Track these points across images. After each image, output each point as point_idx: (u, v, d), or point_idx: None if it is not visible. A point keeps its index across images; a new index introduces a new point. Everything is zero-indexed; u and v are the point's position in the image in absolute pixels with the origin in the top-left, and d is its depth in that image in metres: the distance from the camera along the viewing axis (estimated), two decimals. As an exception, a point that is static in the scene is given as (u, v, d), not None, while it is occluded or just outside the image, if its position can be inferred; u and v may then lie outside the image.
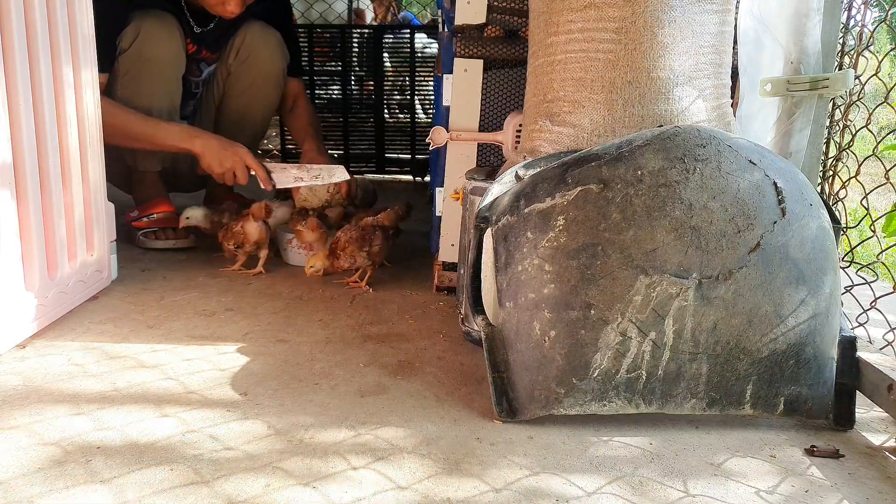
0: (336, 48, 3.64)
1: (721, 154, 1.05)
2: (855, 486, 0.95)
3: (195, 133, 2.04)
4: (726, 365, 1.03)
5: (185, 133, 2.04)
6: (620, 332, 1.01)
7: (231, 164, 2.01)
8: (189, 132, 2.04)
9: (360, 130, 3.71)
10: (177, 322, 1.48)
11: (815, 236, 1.05)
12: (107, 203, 1.66)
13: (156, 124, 2.03)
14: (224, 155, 2.00)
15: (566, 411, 1.04)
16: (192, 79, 2.31)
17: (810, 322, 1.04)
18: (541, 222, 1.06)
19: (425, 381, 1.23)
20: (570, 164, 1.09)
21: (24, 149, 1.28)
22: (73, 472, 0.91)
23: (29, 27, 1.30)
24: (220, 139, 2.05)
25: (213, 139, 2.03)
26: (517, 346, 1.08)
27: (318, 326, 1.48)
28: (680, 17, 1.19)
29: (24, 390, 1.14)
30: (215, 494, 0.88)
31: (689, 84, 1.22)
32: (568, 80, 1.25)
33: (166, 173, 2.29)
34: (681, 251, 1.01)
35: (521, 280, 1.07)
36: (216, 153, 2.00)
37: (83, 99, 1.52)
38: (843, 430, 1.10)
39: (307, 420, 1.07)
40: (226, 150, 2.01)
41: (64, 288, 1.45)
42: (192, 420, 1.06)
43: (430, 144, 1.66)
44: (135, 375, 1.21)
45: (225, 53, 2.29)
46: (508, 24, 1.63)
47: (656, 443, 1.05)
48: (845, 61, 1.50)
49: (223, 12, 2.09)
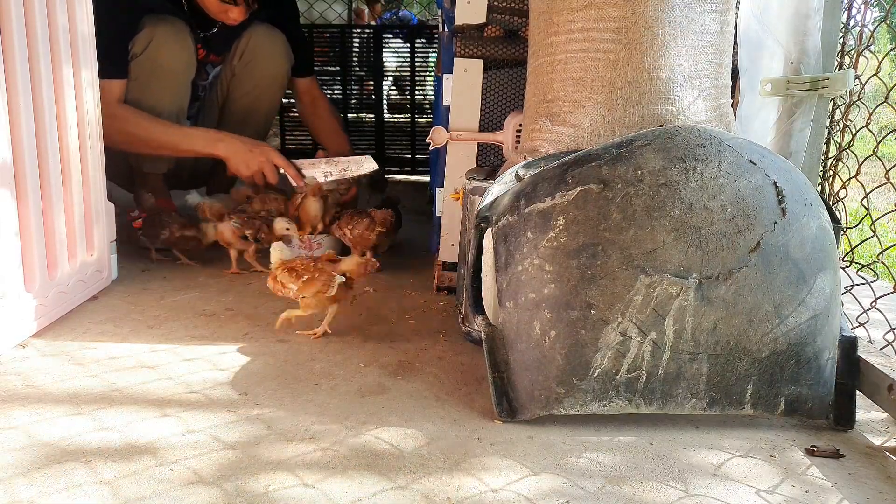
0: (336, 48, 3.64)
1: (721, 154, 1.05)
2: (855, 486, 0.95)
3: (219, 137, 2.04)
4: (727, 365, 1.03)
5: (210, 138, 2.03)
6: (621, 332, 1.01)
7: (258, 165, 2.00)
8: (213, 137, 2.04)
9: (361, 130, 3.72)
10: (177, 322, 1.48)
11: (815, 236, 1.05)
12: (107, 203, 1.66)
13: (179, 130, 2.03)
14: (250, 157, 2.00)
15: (566, 411, 1.04)
16: (200, 82, 2.32)
17: (810, 322, 1.04)
18: (541, 222, 1.06)
19: (425, 381, 1.23)
20: (570, 164, 1.09)
21: (24, 149, 1.29)
22: (73, 472, 0.91)
23: (29, 28, 1.30)
24: (245, 141, 2.04)
25: (238, 141, 2.02)
26: (517, 346, 1.08)
27: (318, 326, 1.48)
28: (680, 17, 1.19)
29: (25, 390, 1.14)
30: (215, 494, 0.88)
31: (689, 84, 1.21)
32: (568, 80, 1.25)
33: (168, 172, 2.29)
34: (681, 251, 1.01)
35: (522, 280, 1.07)
36: (242, 156, 2.00)
37: (83, 99, 1.52)
38: (844, 431, 1.10)
39: (307, 420, 1.07)
40: (252, 151, 2.00)
41: (64, 288, 1.45)
42: (192, 420, 1.06)
43: (430, 144, 1.66)
44: (135, 375, 1.21)
45: (230, 55, 2.30)
46: (508, 24, 1.63)
47: (656, 443, 1.05)
48: (845, 61, 1.50)
49: (226, 20, 2.11)
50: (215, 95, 2.36)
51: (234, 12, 2.06)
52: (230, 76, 2.32)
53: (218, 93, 2.35)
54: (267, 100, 2.37)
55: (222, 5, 2.05)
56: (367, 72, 3.73)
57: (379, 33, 3.66)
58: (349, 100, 3.69)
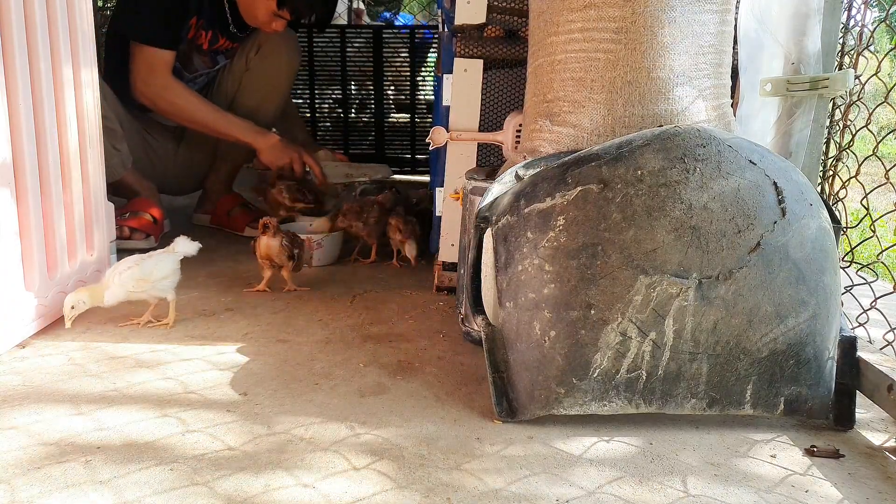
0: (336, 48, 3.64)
1: (721, 154, 1.05)
2: (855, 486, 0.95)
3: (259, 131, 2.24)
4: (726, 365, 1.03)
5: (251, 129, 2.23)
6: (620, 332, 1.01)
7: (289, 159, 2.22)
8: (254, 129, 2.23)
9: (360, 130, 3.71)
10: (177, 322, 1.48)
11: (815, 236, 1.05)
12: (107, 203, 1.66)
13: (224, 116, 2.22)
14: (284, 152, 2.22)
15: (566, 411, 1.04)
16: (204, 70, 2.33)
17: (810, 322, 1.04)
18: (541, 222, 1.06)
19: (425, 381, 1.23)
20: (570, 164, 1.09)
21: (24, 148, 1.29)
22: (73, 472, 0.91)
23: (29, 27, 1.30)
24: (280, 138, 2.27)
25: (275, 138, 2.26)
26: (517, 346, 1.08)
27: (318, 326, 1.48)
28: (680, 17, 1.19)
29: (24, 390, 1.14)
30: (215, 494, 0.88)
31: (689, 84, 1.21)
32: (568, 80, 1.25)
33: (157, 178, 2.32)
34: (681, 251, 1.01)
35: (522, 280, 1.07)
36: (277, 151, 2.22)
37: (83, 99, 1.52)
38: (843, 430, 1.10)
39: (307, 420, 1.07)
40: (285, 148, 2.22)
41: (64, 288, 1.45)
42: (192, 420, 1.06)
43: (430, 144, 1.66)
44: (134, 375, 1.21)
45: (245, 47, 2.33)
46: (508, 24, 1.63)
47: (656, 443, 1.05)
48: (845, 61, 1.50)
49: (267, 28, 2.23)
50: (226, 87, 2.37)
51: (280, 24, 2.20)
52: (243, 69, 2.34)
53: (229, 84, 2.37)
54: (278, 94, 2.42)
55: (271, 17, 2.17)
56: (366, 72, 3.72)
57: (379, 33, 3.66)
58: (349, 100, 3.68)
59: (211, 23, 2.21)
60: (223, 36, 2.27)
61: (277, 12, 2.16)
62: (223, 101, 2.36)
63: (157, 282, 1.41)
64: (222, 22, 2.23)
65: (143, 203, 2.11)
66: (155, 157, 2.33)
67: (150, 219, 2.08)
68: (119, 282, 1.37)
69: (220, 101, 2.36)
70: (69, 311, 1.34)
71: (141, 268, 1.39)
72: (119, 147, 2.03)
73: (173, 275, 1.45)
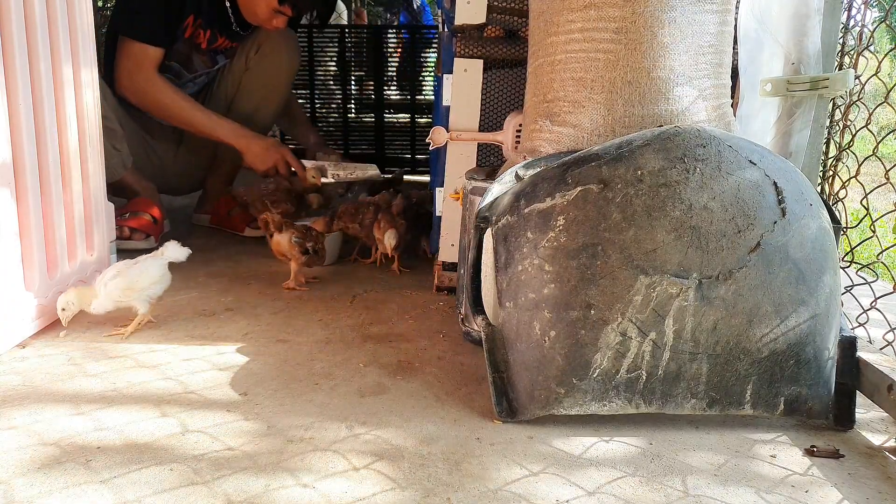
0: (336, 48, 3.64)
1: (721, 154, 1.05)
2: (855, 486, 0.95)
3: (243, 133, 2.22)
4: (726, 365, 1.03)
5: (236, 132, 2.22)
6: (620, 332, 1.01)
7: (273, 162, 2.21)
8: (239, 132, 2.22)
9: (360, 130, 3.71)
10: (177, 322, 1.48)
11: (815, 236, 1.05)
12: (107, 203, 1.66)
13: (209, 117, 2.20)
14: (267, 154, 2.21)
15: (566, 411, 1.04)
16: (203, 70, 2.33)
17: (810, 322, 1.04)
18: (541, 222, 1.06)
19: (425, 381, 1.23)
20: (570, 164, 1.09)
21: (24, 148, 1.28)
22: (73, 472, 0.91)
23: (29, 27, 1.30)
24: (264, 140, 2.25)
25: (259, 139, 2.23)
26: (517, 346, 1.08)
27: (318, 326, 1.48)
28: (680, 17, 1.19)
29: (24, 390, 1.14)
30: (215, 494, 0.88)
31: (689, 84, 1.21)
32: (568, 80, 1.25)
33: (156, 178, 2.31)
34: (681, 251, 1.01)
35: (522, 280, 1.07)
36: (261, 153, 2.21)
37: (83, 98, 1.52)
38: (843, 430, 1.10)
39: (307, 420, 1.07)
40: (269, 151, 2.21)
41: (64, 288, 1.45)
42: (191, 420, 1.06)
43: (430, 144, 1.66)
44: (134, 375, 1.21)
45: (244, 47, 2.33)
46: (508, 24, 1.63)
47: (656, 443, 1.05)
48: (845, 61, 1.49)
49: (268, 25, 2.23)
50: (226, 86, 2.37)
51: (281, 21, 2.20)
52: (243, 68, 2.34)
53: (229, 84, 2.37)
54: (278, 94, 2.43)
55: (272, 13, 2.17)
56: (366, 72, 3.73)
57: (379, 33, 3.66)
58: (349, 100, 3.68)
59: (209, 22, 2.21)
60: (222, 35, 2.27)
61: (278, 8, 2.15)
62: (223, 100, 2.36)
63: (143, 290, 1.40)
64: (223, 21, 2.23)
65: (143, 203, 2.11)
66: (155, 157, 2.33)
67: (150, 219, 2.08)
68: (105, 293, 1.36)
69: (220, 100, 2.36)
70: (61, 312, 1.34)
71: (126, 277, 1.37)
72: (119, 147, 2.03)
73: (161, 280, 1.43)
